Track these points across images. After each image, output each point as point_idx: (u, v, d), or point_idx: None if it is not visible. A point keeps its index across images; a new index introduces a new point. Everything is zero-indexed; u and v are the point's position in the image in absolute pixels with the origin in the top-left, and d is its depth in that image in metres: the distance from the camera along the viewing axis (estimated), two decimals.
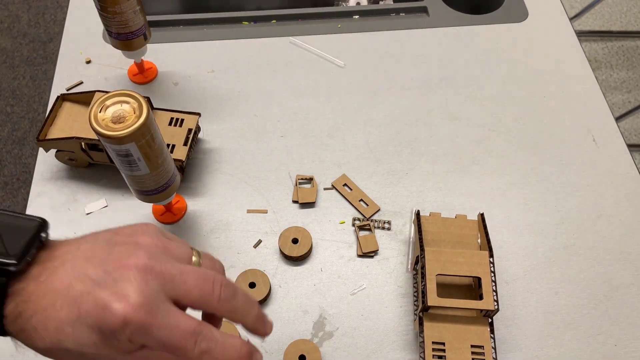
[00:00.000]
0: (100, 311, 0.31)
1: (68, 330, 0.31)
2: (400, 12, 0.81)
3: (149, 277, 0.32)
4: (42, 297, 0.32)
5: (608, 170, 0.63)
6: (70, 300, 0.32)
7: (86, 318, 0.31)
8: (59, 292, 0.32)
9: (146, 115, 0.43)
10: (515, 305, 0.54)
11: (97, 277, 0.32)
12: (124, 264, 0.33)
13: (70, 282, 0.32)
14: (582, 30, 1.78)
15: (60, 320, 0.32)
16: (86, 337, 0.32)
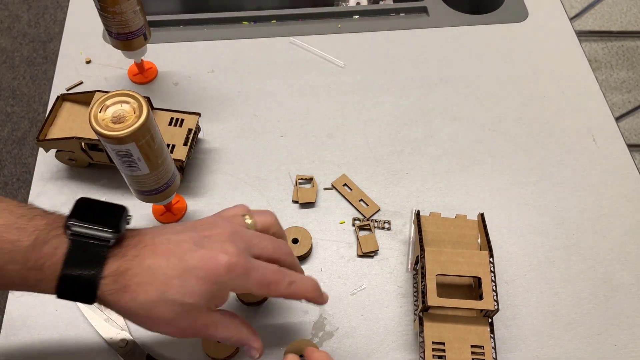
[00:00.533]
0: (207, 261, 0.38)
1: (175, 282, 0.37)
2: (400, 12, 0.81)
3: (237, 239, 0.40)
4: (146, 258, 0.38)
5: (608, 170, 0.63)
6: (176, 258, 0.38)
7: (193, 270, 0.37)
8: (162, 253, 0.38)
9: (146, 115, 0.43)
10: (515, 305, 0.54)
11: (194, 241, 0.39)
12: (213, 232, 0.40)
13: (170, 247, 0.39)
14: (582, 30, 1.78)
15: (168, 274, 0.37)
16: (191, 286, 0.37)
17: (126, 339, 0.51)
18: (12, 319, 0.52)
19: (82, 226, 0.37)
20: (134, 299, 0.37)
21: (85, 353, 0.51)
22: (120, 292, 0.37)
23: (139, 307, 0.37)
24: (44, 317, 0.52)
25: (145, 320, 0.38)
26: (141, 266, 0.37)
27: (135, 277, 0.37)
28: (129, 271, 0.37)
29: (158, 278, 0.37)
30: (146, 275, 0.37)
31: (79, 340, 0.51)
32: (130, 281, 0.37)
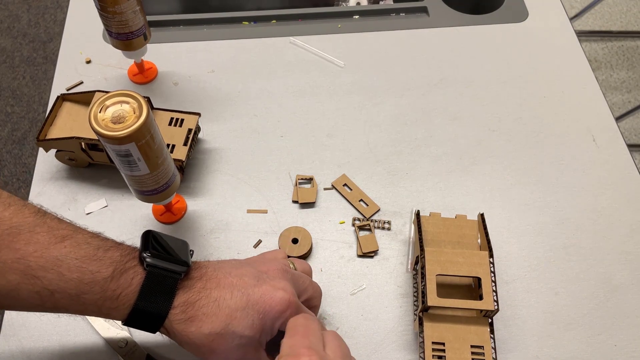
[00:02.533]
0: (268, 298, 0.41)
1: (238, 314, 0.40)
2: (400, 12, 0.81)
3: (288, 277, 0.44)
4: (212, 290, 0.40)
5: (608, 170, 0.63)
6: (239, 292, 0.41)
7: (255, 305, 0.40)
8: (227, 286, 0.41)
9: (146, 115, 0.43)
10: (515, 306, 0.54)
11: (254, 276, 0.42)
12: (269, 268, 0.44)
13: (232, 281, 0.41)
14: (582, 30, 1.78)
15: (232, 307, 0.40)
16: (251, 320, 0.40)
17: (126, 339, 0.51)
18: (11, 319, 0.52)
19: (155, 259, 0.40)
20: (199, 328, 0.39)
21: (85, 353, 0.51)
22: (187, 322, 0.39)
23: (204, 337, 0.39)
24: (43, 317, 0.52)
25: (205, 350, 0.40)
26: (208, 298, 0.40)
27: (202, 308, 0.40)
28: (197, 302, 0.40)
29: (223, 310, 0.40)
30: (212, 307, 0.40)
31: (79, 341, 0.51)
32: (198, 312, 0.39)
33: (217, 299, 0.40)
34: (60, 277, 0.37)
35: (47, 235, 0.38)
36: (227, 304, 0.40)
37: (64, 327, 0.52)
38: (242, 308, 0.40)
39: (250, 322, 0.40)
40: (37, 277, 0.37)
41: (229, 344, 0.40)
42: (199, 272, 0.42)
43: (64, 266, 0.38)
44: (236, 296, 0.40)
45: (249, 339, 0.40)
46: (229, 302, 0.40)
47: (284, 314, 0.41)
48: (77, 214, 0.59)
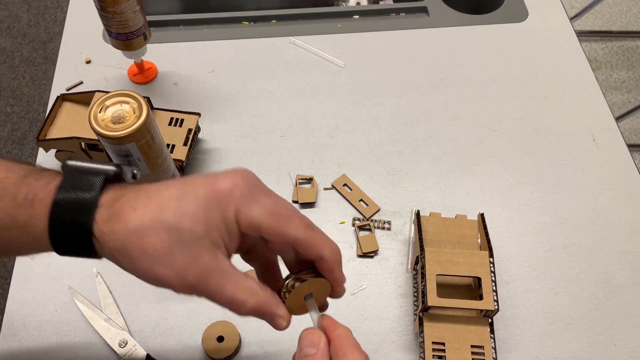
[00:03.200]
0: (211, 182, 0.32)
1: (172, 203, 0.32)
2: (400, 12, 0.81)
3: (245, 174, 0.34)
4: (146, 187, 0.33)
5: (608, 170, 0.63)
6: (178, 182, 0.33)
7: (194, 189, 0.32)
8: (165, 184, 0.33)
9: (146, 115, 0.43)
10: (516, 306, 0.54)
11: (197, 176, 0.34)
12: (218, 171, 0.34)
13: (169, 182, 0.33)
14: (582, 30, 1.78)
15: (166, 196, 0.32)
16: (189, 205, 0.31)
17: (126, 339, 0.51)
18: (11, 319, 0.52)
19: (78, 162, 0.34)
20: (125, 223, 0.31)
21: (85, 353, 0.51)
22: (113, 220, 0.31)
23: (131, 234, 0.31)
24: (43, 318, 0.52)
25: (137, 252, 0.31)
26: (139, 191, 0.32)
27: (130, 201, 0.32)
28: (124, 197, 0.32)
29: (155, 200, 0.32)
30: (142, 199, 0.32)
31: (79, 341, 0.51)
32: (125, 205, 0.32)
33: (149, 192, 0.32)
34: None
35: None
36: (160, 195, 0.32)
37: (63, 327, 0.52)
38: (177, 196, 0.32)
39: (187, 208, 0.31)
40: None
41: (163, 241, 0.31)
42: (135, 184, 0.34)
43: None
44: (173, 186, 0.33)
45: (191, 234, 0.31)
46: (163, 192, 0.32)
47: (231, 194, 0.32)
48: None
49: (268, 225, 0.32)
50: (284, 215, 0.33)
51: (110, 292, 0.54)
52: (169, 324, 0.52)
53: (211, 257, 0.32)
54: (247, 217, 0.32)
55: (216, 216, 0.32)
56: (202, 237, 0.31)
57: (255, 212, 0.32)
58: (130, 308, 0.53)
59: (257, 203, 0.32)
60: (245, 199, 0.32)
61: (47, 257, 0.56)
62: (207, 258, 0.32)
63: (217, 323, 0.51)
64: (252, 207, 0.32)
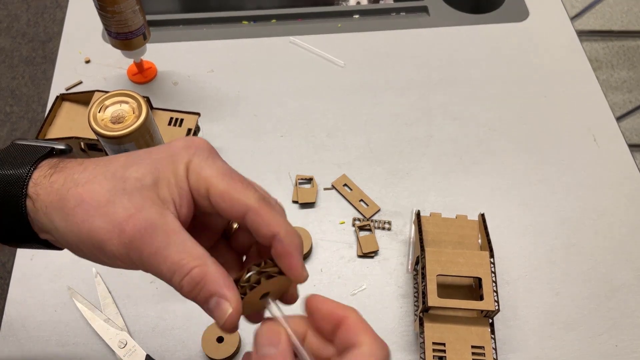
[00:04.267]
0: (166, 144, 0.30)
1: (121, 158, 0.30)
2: (400, 11, 0.81)
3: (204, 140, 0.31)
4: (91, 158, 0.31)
5: (608, 170, 0.63)
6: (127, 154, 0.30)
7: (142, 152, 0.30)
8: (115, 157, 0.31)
9: (145, 115, 0.43)
10: (516, 306, 0.54)
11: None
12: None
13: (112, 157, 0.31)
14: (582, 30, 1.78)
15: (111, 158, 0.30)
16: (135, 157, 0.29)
17: (125, 340, 0.51)
18: (11, 320, 0.52)
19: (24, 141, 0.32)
20: (65, 175, 0.29)
21: (84, 354, 0.50)
22: (54, 174, 0.30)
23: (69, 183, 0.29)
24: (43, 318, 0.52)
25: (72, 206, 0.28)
26: (83, 160, 0.31)
27: (71, 162, 0.30)
28: (67, 162, 0.30)
29: (103, 160, 0.30)
30: (86, 161, 0.30)
31: (79, 341, 0.51)
32: (66, 166, 0.30)
33: (94, 159, 0.31)
34: None
35: None
36: (106, 160, 0.30)
37: (63, 327, 0.52)
38: (128, 154, 0.30)
39: (137, 161, 0.29)
40: None
41: (105, 187, 0.28)
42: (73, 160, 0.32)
43: None
44: (119, 155, 0.31)
45: (138, 182, 0.28)
46: (109, 158, 0.30)
47: (187, 150, 0.29)
48: None
49: (218, 185, 0.28)
50: (238, 180, 0.29)
51: (110, 293, 0.54)
52: (169, 324, 0.52)
53: (157, 212, 0.28)
54: (199, 175, 0.29)
55: (166, 169, 0.29)
56: (150, 189, 0.28)
57: (207, 171, 0.29)
58: (129, 308, 0.53)
59: (212, 163, 0.29)
60: (198, 156, 0.29)
61: (47, 257, 0.56)
62: (152, 211, 0.27)
63: None
64: (205, 165, 0.29)
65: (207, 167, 0.29)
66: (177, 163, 0.29)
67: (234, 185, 0.29)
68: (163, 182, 0.28)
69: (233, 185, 0.29)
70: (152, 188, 0.28)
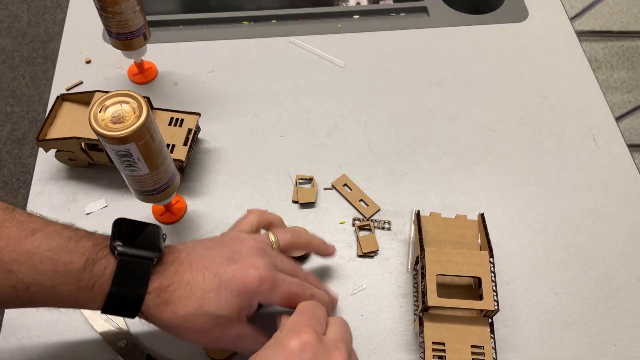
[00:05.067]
0: (240, 277, 0.42)
1: (211, 295, 0.41)
2: (400, 12, 0.81)
3: (263, 254, 0.44)
4: (184, 274, 0.41)
5: (608, 170, 0.63)
6: (211, 273, 0.42)
7: (227, 284, 0.41)
8: (199, 269, 0.42)
9: (146, 115, 0.43)
10: (516, 306, 0.54)
11: (226, 256, 0.43)
12: (243, 248, 0.44)
13: (204, 263, 0.42)
14: (582, 30, 1.78)
15: (204, 289, 0.41)
16: (225, 299, 0.41)
17: (126, 339, 0.51)
18: (11, 319, 0.52)
19: (127, 247, 0.41)
20: (174, 312, 0.40)
21: (85, 353, 0.51)
22: (162, 306, 0.40)
23: (179, 319, 0.40)
24: (43, 318, 0.52)
25: (184, 331, 0.41)
26: (180, 282, 0.41)
27: (175, 291, 0.41)
28: (170, 287, 0.41)
29: (196, 292, 0.41)
30: (185, 290, 0.41)
31: (79, 341, 0.51)
32: (171, 296, 0.40)
33: (189, 282, 0.41)
34: (34, 270, 0.38)
35: (17, 229, 0.39)
36: (199, 287, 0.41)
37: (64, 327, 0.52)
38: (215, 289, 0.41)
39: (224, 302, 0.41)
40: (12, 271, 0.38)
41: (205, 323, 0.41)
42: (172, 257, 0.43)
43: (36, 258, 0.38)
44: (208, 278, 0.41)
45: (226, 318, 0.41)
46: (201, 284, 0.41)
47: (259, 290, 0.42)
48: (77, 214, 0.59)
49: (283, 304, 0.44)
50: (295, 294, 0.44)
51: None
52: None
53: (238, 328, 0.43)
54: (269, 301, 0.44)
55: (245, 305, 0.42)
56: (233, 318, 0.42)
57: (275, 298, 0.44)
58: None
59: (276, 292, 0.43)
60: (269, 291, 0.43)
61: None
62: (235, 330, 0.42)
63: None
64: (273, 295, 0.43)
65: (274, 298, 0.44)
66: (253, 300, 0.43)
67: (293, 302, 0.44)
68: (242, 312, 0.43)
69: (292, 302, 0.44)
70: (236, 317, 0.42)
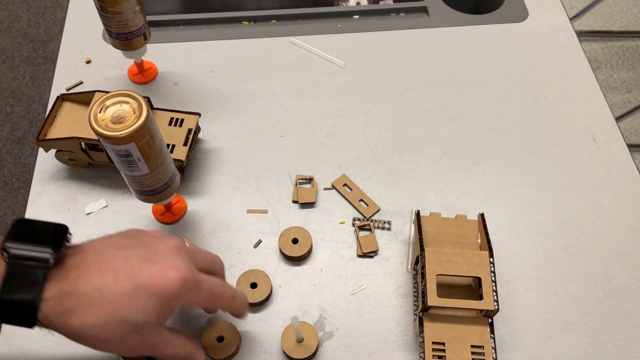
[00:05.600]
0: (160, 279, 0.37)
1: (125, 300, 0.36)
2: (400, 12, 0.81)
3: (183, 253, 0.41)
4: (91, 277, 0.36)
5: (608, 170, 0.63)
6: (125, 275, 0.37)
7: (145, 287, 0.37)
8: (109, 270, 0.37)
9: (146, 115, 0.43)
10: (516, 306, 0.54)
11: (142, 256, 0.39)
12: (160, 246, 0.40)
13: (116, 264, 0.38)
14: (582, 30, 1.78)
15: (117, 292, 0.36)
16: (142, 304, 0.37)
17: None
18: None
19: (18, 248, 0.36)
20: (81, 320, 0.36)
21: (85, 354, 0.51)
22: (67, 314, 0.36)
23: (89, 329, 0.36)
24: None
25: (94, 341, 0.37)
26: (87, 286, 0.36)
27: (81, 297, 0.36)
28: (74, 292, 0.36)
29: (107, 297, 0.36)
30: (94, 296, 0.36)
31: None
32: (77, 302, 0.36)
33: (98, 286, 0.36)
34: None
35: None
36: (111, 290, 0.36)
37: None
38: (131, 292, 0.36)
39: (141, 307, 0.37)
40: None
41: (119, 332, 0.36)
42: (77, 259, 0.38)
43: None
44: (121, 280, 0.37)
45: (144, 324, 0.37)
46: (113, 287, 0.36)
47: (180, 292, 0.38)
48: (77, 214, 0.59)
49: (205, 306, 0.43)
50: (218, 295, 0.42)
51: None
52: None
53: (156, 333, 0.39)
54: (191, 303, 0.41)
55: (165, 310, 0.38)
56: (152, 324, 0.38)
57: (197, 299, 0.41)
58: None
59: (199, 293, 0.40)
60: (190, 293, 0.39)
61: None
62: (153, 336, 0.39)
63: (217, 323, 0.51)
64: (195, 296, 0.40)
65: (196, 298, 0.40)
66: (175, 304, 0.39)
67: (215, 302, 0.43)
68: (162, 317, 0.39)
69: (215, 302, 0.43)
70: (154, 322, 0.38)
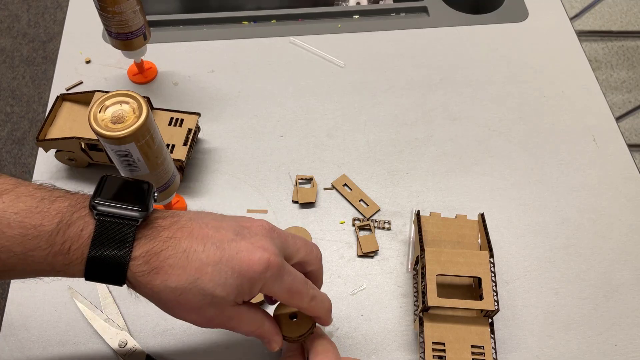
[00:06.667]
0: (245, 255, 0.36)
1: (209, 269, 0.36)
2: (400, 12, 0.81)
3: (274, 236, 0.39)
4: (182, 240, 0.36)
5: (608, 170, 0.63)
6: (214, 245, 0.36)
7: (229, 261, 0.36)
8: (200, 237, 0.37)
9: (146, 115, 0.43)
10: (516, 306, 0.54)
11: (234, 230, 0.38)
12: (253, 225, 0.39)
13: (208, 232, 0.37)
14: (582, 30, 1.78)
15: (203, 261, 0.36)
16: (224, 278, 0.36)
17: (126, 339, 0.51)
18: (11, 319, 0.52)
19: (107, 205, 0.36)
20: (164, 281, 0.35)
21: (84, 353, 0.51)
22: (152, 273, 0.35)
23: (170, 291, 0.36)
24: (43, 318, 0.52)
25: (172, 305, 0.37)
26: (176, 248, 0.36)
27: (168, 259, 0.36)
28: (162, 252, 0.36)
29: (192, 263, 0.36)
30: (180, 259, 0.36)
31: (79, 341, 0.51)
32: (163, 263, 0.35)
33: (186, 249, 0.36)
34: (1, 235, 0.35)
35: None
36: (197, 257, 0.36)
37: (63, 327, 0.52)
38: (215, 263, 0.36)
39: (223, 280, 0.36)
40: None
41: (198, 301, 0.36)
42: (168, 221, 0.38)
43: (3, 222, 0.35)
44: (209, 249, 0.36)
45: (222, 299, 0.36)
46: (200, 254, 0.36)
47: (263, 275, 0.37)
48: None
49: (282, 298, 0.40)
50: (297, 291, 0.39)
51: (110, 292, 0.54)
52: (169, 324, 0.52)
53: (234, 309, 0.38)
54: (269, 290, 0.39)
55: (245, 290, 0.37)
56: (231, 301, 0.37)
57: (276, 289, 0.38)
58: (130, 308, 0.53)
59: (280, 283, 0.38)
60: (272, 279, 0.38)
61: None
62: (230, 311, 0.38)
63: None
64: (275, 285, 0.38)
65: (276, 287, 0.38)
66: (255, 286, 0.37)
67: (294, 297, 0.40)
68: (240, 296, 0.38)
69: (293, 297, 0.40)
70: (232, 300, 0.37)
